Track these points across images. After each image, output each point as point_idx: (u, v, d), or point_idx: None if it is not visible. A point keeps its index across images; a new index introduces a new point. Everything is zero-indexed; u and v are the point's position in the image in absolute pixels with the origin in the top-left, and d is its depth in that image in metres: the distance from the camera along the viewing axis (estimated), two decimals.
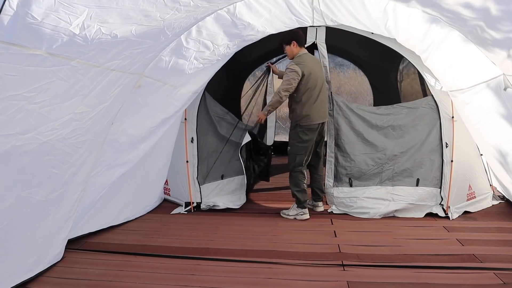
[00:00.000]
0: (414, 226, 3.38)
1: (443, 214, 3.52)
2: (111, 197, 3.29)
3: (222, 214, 3.84)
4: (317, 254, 2.84)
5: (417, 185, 3.60)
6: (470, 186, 3.71)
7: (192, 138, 3.90)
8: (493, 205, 3.85)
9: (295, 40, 3.56)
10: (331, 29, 3.68)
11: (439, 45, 2.96)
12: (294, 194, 3.67)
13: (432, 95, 3.56)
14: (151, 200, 4.00)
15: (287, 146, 3.70)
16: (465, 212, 3.62)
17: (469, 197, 3.70)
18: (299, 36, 3.59)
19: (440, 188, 3.56)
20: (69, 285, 2.45)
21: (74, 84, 2.08)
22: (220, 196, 4.03)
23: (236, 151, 4.10)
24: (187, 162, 3.89)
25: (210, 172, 4.00)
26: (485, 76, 2.80)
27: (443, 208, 3.54)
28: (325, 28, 3.73)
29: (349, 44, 4.91)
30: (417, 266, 2.61)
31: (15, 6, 1.52)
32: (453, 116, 3.53)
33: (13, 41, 1.60)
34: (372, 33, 3.56)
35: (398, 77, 4.84)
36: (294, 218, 3.66)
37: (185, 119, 3.88)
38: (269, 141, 4.65)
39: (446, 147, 3.53)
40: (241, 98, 5.74)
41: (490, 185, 3.93)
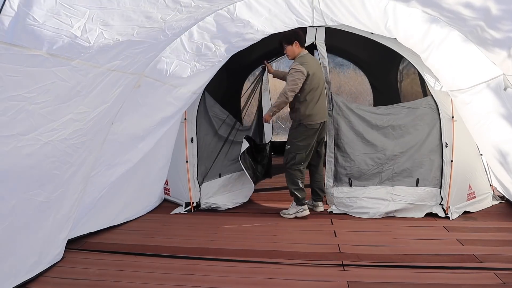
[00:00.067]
0: (414, 226, 3.38)
1: (443, 214, 3.52)
2: (111, 197, 3.29)
3: (222, 214, 3.84)
4: (317, 254, 2.84)
5: (417, 185, 3.60)
6: (470, 186, 3.71)
7: (192, 138, 3.90)
8: (493, 205, 3.84)
9: (297, 40, 3.59)
10: (331, 29, 3.68)
11: (440, 45, 2.96)
12: (292, 192, 3.68)
13: (432, 95, 3.55)
14: (151, 200, 4.00)
15: (286, 145, 3.70)
16: (465, 212, 3.62)
17: (469, 197, 3.70)
18: (301, 37, 3.62)
19: (440, 188, 3.56)
20: (69, 285, 2.45)
21: (75, 85, 2.08)
22: (220, 195, 4.04)
23: (234, 150, 4.13)
24: (187, 162, 3.89)
25: (209, 171, 4.00)
26: (485, 76, 2.80)
27: (443, 208, 3.53)
28: (325, 29, 3.73)
29: (349, 44, 4.91)
30: (417, 266, 2.61)
31: (16, 7, 1.51)
32: (453, 116, 3.53)
33: (14, 42, 1.59)
34: (372, 33, 3.56)
35: (398, 77, 4.83)
36: (295, 217, 3.66)
37: (185, 119, 3.89)
38: (267, 138, 4.67)
39: (446, 147, 3.53)
40: (241, 98, 5.74)
41: (490, 185, 3.93)
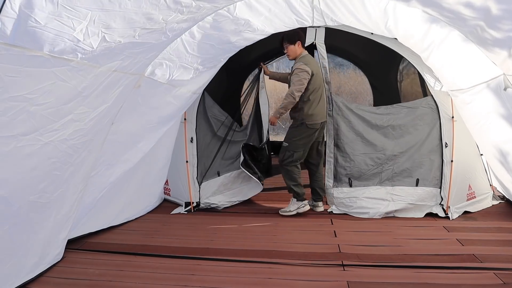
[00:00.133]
0: (414, 226, 3.38)
1: (443, 214, 3.52)
2: (111, 197, 3.28)
3: (222, 214, 3.84)
4: (317, 254, 2.84)
5: (417, 185, 3.60)
6: (470, 186, 3.71)
7: (192, 138, 3.90)
8: (493, 205, 3.84)
9: (300, 40, 3.62)
10: (331, 29, 3.68)
11: (440, 45, 2.96)
12: (292, 189, 3.70)
13: (432, 95, 3.55)
14: (152, 200, 4.00)
15: (283, 143, 3.72)
16: (465, 212, 3.62)
17: (469, 197, 3.70)
18: (303, 37, 3.66)
19: (440, 188, 3.56)
20: (69, 285, 2.45)
21: (76, 85, 2.07)
22: (219, 194, 4.04)
23: (232, 149, 4.16)
24: (187, 162, 3.89)
25: (208, 171, 4.00)
26: (486, 76, 2.80)
27: (443, 208, 3.53)
28: (324, 29, 3.73)
29: (349, 44, 4.90)
30: (417, 266, 2.61)
31: (17, 9, 1.50)
32: (453, 116, 3.53)
33: (15, 43, 1.59)
34: (372, 33, 3.56)
35: (398, 77, 4.82)
36: (297, 213, 3.68)
37: (185, 119, 3.89)
38: (265, 133, 4.63)
39: (446, 147, 3.53)
40: (241, 97, 5.74)
41: (490, 185, 3.93)
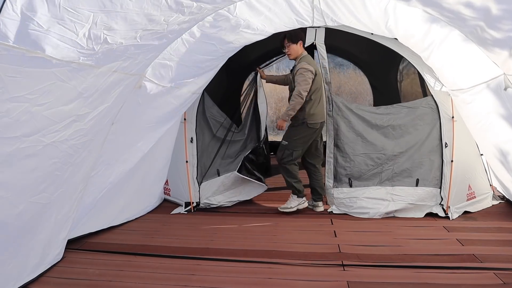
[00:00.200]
0: (414, 226, 3.38)
1: (443, 214, 3.52)
2: (111, 198, 3.28)
3: (222, 214, 3.84)
4: (317, 254, 2.84)
5: (417, 185, 3.60)
6: (470, 186, 3.71)
7: (192, 138, 3.90)
8: (493, 205, 3.84)
9: (302, 40, 3.65)
10: (331, 30, 3.68)
11: (440, 44, 2.95)
12: (292, 185, 3.74)
13: (432, 95, 3.55)
14: (152, 201, 4.00)
15: (282, 141, 3.74)
16: (465, 212, 3.62)
17: (469, 197, 3.70)
18: (304, 38, 3.69)
19: (440, 188, 3.56)
20: (69, 285, 2.45)
21: (76, 86, 2.08)
22: (219, 194, 4.04)
23: (231, 149, 4.18)
24: (187, 162, 3.89)
25: (208, 171, 4.01)
26: (486, 76, 2.80)
27: (443, 208, 3.53)
28: (324, 29, 3.73)
29: (349, 45, 4.89)
30: (417, 266, 2.61)
31: (19, 11, 1.49)
32: (453, 116, 3.52)
33: (17, 43, 1.59)
34: (372, 34, 3.56)
35: (398, 77, 4.82)
36: (297, 209, 3.73)
37: (184, 119, 3.89)
38: (263, 126, 4.62)
39: (446, 147, 3.53)
40: (240, 97, 5.73)
41: (490, 185, 3.93)
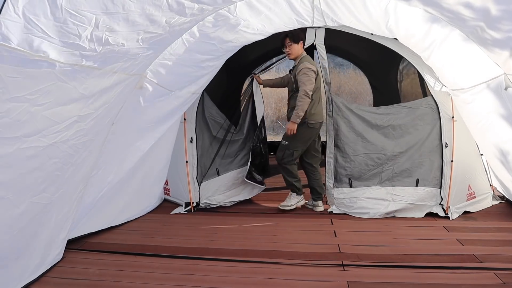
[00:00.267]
0: (414, 226, 3.38)
1: (443, 214, 3.52)
2: (111, 197, 3.28)
3: (222, 214, 3.84)
4: (317, 254, 2.84)
5: (417, 185, 3.60)
6: (470, 186, 3.71)
7: (192, 138, 3.90)
8: (493, 205, 3.84)
9: (303, 41, 3.65)
10: (331, 30, 3.67)
11: (441, 44, 2.95)
12: (293, 184, 3.79)
13: (432, 95, 3.55)
14: (152, 201, 4.00)
15: (283, 141, 3.74)
16: (465, 212, 3.62)
17: (469, 197, 3.70)
18: (304, 38, 3.69)
19: (440, 188, 3.56)
20: (69, 285, 2.45)
21: (77, 86, 2.08)
22: (219, 193, 4.04)
23: (231, 148, 4.18)
24: (187, 162, 3.89)
25: (208, 171, 4.01)
26: (486, 76, 2.80)
27: (443, 208, 3.53)
28: (324, 30, 3.73)
29: (349, 45, 4.90)
30: (417, 266, 2.61)
31: (21, 13, 1.49)
32: (453, 116, 3.52)
33: (19, 46, 1.59)
34: (372, 34, 3.56)
35: (398, 77, 4.82)
36: (295, 207, 3.83)
37: (184, 119, 3.88)
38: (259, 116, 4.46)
39: (446, 147, 3.53)
40: (241, 98, 5.72)
41: (490, 185, 3.93)
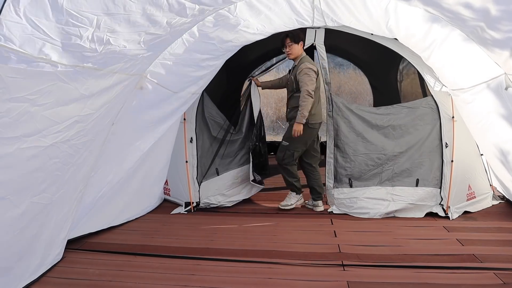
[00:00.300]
0: (414, 226, 3.38)
1: (443, 214, 3.52)
2: (111, 197, 3.28)
3: (222, 214, 3.84)
4: (317, 254, 2.84)
5: (417, 185, 3.60)
6: (470, 186, 3.71)
7: (192, 138, 3.90)
8: (493, 205, 3.84)
9: (303, 41, 3.66)
10: (331, 30, 3.67)
11: (442, 44, 2.95)
12: (292, 184, 3.83)
13: (432, 95, 3.55)
14: (152, 201, 4.00)
15: (283, 141, 3.75)
16: (465, 212, 3.62)
17: (469, 197, 3.70)
18: (304, 39, 3.70)
19: (440, 188, 3.56)
20: (69, 285, 2.45)
21: (77, 87, 2.08)
22: (219, 193, 4.04)
23: (230, 148, 4.19)
24: (187, 162, 3.89)
25: (208, 170, 4.01)
26: (486, 76, 2.80)
27: (443, 208, 3.53)
28: (324, 30, 3.73)
29: (349, 45, 4.91)
30: (417, 266, 2.61)
31: (22, 14, 1.49)
32: (453, 116, 3.52)
33: (21, 48, 1.59)
34: (372, 34, 3.56)
35: (398, 77, 4.82)
36: (295, 206, 3.88)
37: (184, 119, 3.88)
38: (255, 110, 4.42)
39: (446, 147, 3.53)
40: (240, 98, 5.72)
41: (490, 185, 3.93)
